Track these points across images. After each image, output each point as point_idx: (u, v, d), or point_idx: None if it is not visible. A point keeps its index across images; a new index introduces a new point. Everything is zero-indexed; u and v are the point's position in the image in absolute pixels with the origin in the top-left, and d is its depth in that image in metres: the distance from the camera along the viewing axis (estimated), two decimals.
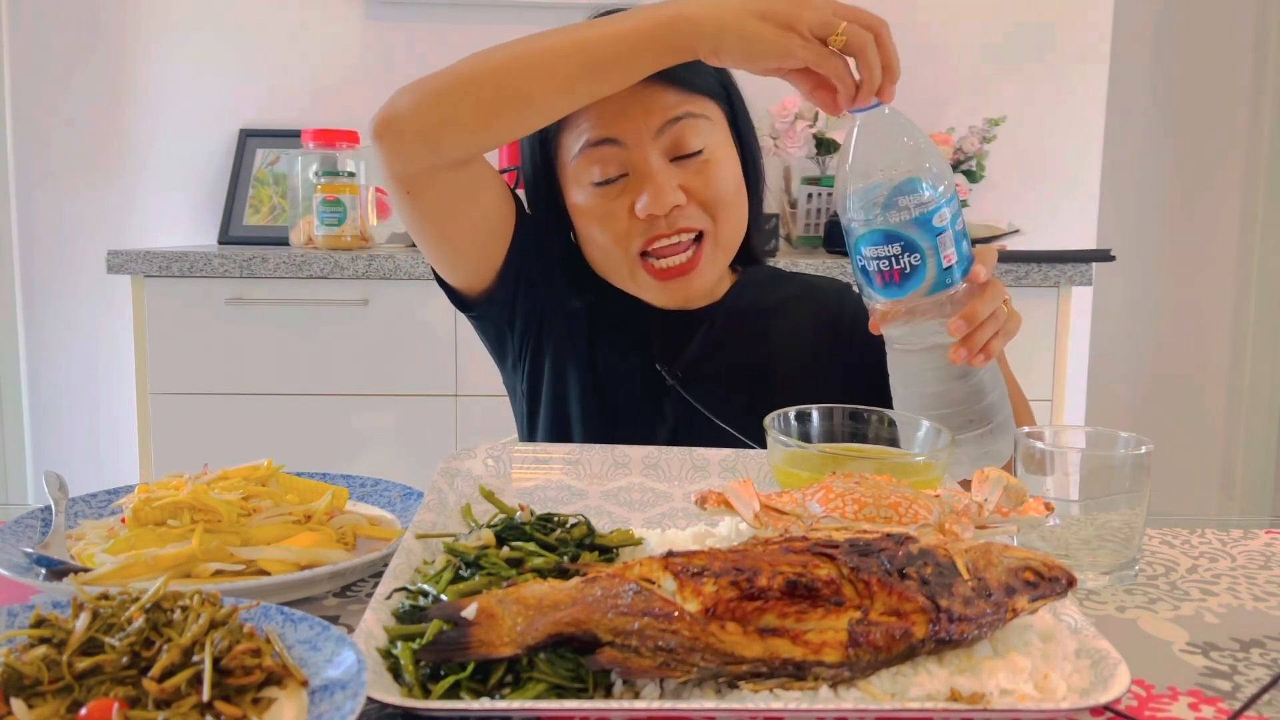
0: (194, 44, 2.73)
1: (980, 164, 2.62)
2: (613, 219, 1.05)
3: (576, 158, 1.06)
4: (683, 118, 1.04)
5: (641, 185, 1.03)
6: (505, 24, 2.66)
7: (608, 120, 1.03)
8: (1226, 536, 0.91)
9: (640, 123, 1.03)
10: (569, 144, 1.07)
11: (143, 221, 2.77)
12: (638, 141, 1.03)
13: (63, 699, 0.51)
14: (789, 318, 1.20)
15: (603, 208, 1.05)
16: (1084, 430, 0.84)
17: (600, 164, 1.04)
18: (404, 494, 0.92)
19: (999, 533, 0.71)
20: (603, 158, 1.04)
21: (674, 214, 1.04)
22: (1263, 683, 0.62)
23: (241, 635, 0.55)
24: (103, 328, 2.78)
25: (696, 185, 1.05)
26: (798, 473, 0.82)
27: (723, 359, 1.15)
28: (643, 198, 1.03)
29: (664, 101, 1.04)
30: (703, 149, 1.06)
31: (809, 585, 0.56)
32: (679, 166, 1.05)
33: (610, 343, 1.17)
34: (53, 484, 0.87)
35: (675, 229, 1.05)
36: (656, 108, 1.03)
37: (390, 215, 2.65)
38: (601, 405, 1.15)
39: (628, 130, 1.03)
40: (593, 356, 1.16)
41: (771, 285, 1.23)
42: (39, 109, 2.73)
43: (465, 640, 0.55)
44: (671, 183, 1.04)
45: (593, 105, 1.01)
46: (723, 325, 1.16)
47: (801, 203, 2.57)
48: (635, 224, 1.05)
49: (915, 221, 0.86)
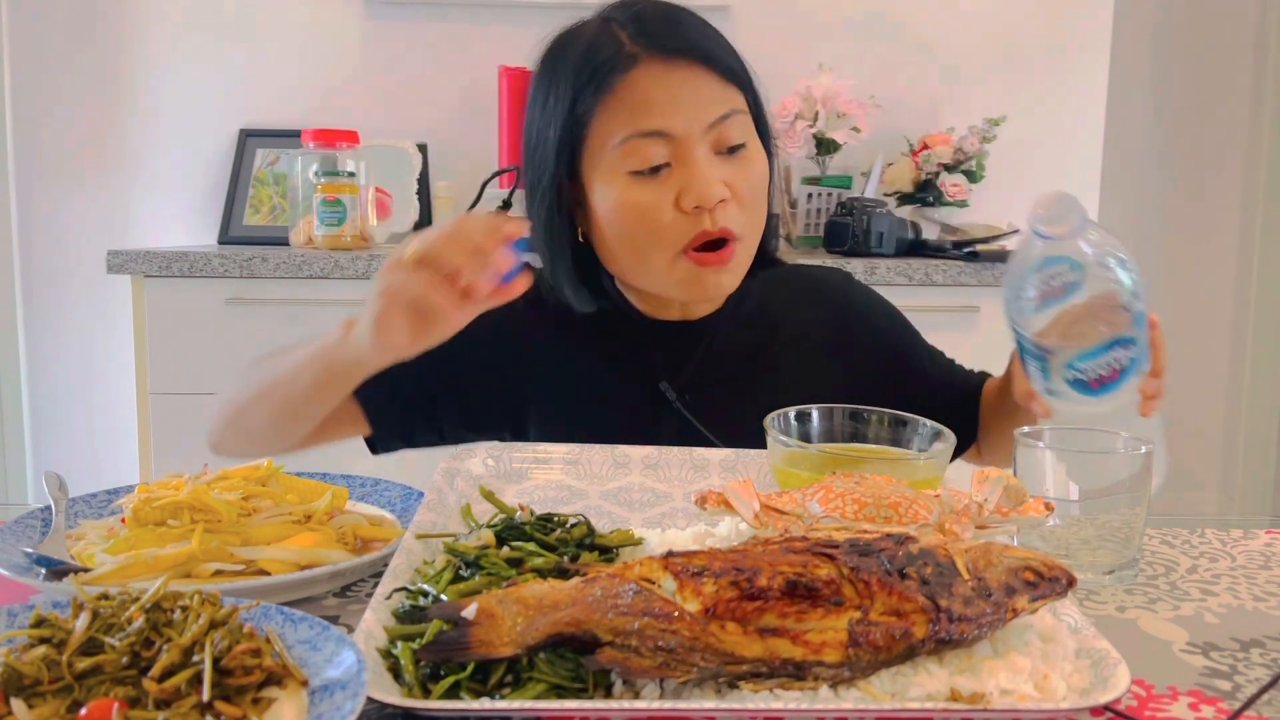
0: (194, 44, 2.73)
1: (980, 164, 2.62)
2: (656, 211, 1.00)
3: (618, 148, 1.00)
4: (728, 115, 1.01)
5: (687, 177, 0.99)
6: (505, 24, 2.66)
7: (658, 111, 0.99)
8: (1226, 536, 0.91)
9: (691, 115, 1.00)
10: (608, 133, 1.01)
11: (143, 221, 2.77)
12: (687, 134, 1.00)
13: (63, 699, 0.51)
14: (794, 320, 1.17)
15: (643, 199, 1.00)
16: (1084, 430, 0.84)
17: (643, 154, 1.00)
18: (404, 494, 0.92)
19: (999, 533, 0.71)
20: (648, 148, 1.00)
21: (717, 210, 1.00)
22: (1263, 683, 0.62)
23: (241, 635, 0.55)
24: (103, 328, 2.78)
25: (738, 182, 1.02)
26: (798, 473, 0.82)
27: (726, 372, 1.13)
28: (691, 190, 0.99)
29: (712, 93, 1.01)
30: (745, 143, 1.03)
31: (809, 585, 0.56)
32: (722, 161, 1.02)
33: (605, 365, 1.13)
34: (53, 484, 0.87)
35: (718, 227, 1.01)
36: (705, 102, 1.00)
37: (390, 215, 2.65)
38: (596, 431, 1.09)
39: (678, 123, 0.99)
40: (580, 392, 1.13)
41: (773, 286, 1.19)
42: (39, 109, 2.73)
43: (465, 640, 0.55)
44: (717, 177, 1.00)
45: (639, 94, 0.99)
46: (725, 336, 1.14)
47: (801, 203, 2.57)
48: (679, 217, 1.00)
49: (1135, 322, 0.85)
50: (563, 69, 1.03)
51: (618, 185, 1.01)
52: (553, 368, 1.14)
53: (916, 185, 2.63)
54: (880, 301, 1.24)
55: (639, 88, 0.99)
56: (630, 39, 1.01)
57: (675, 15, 1.04)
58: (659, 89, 0.99)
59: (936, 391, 1.18)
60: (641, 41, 1.00)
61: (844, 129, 2.55)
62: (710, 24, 1.06)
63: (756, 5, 2.77)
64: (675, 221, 1.01)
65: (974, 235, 2.49)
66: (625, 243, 1.04)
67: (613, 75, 1.00)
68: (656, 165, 1.00)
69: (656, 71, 1.00)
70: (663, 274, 1.04)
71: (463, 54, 2.72)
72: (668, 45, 1.00)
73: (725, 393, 1.12)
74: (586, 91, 1.01)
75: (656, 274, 1.05)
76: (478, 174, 2.62)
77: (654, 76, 1.00)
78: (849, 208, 2.37)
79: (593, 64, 1.01)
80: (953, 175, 2.59)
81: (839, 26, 2.80)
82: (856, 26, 2.80)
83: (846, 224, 2.35)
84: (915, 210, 2.63)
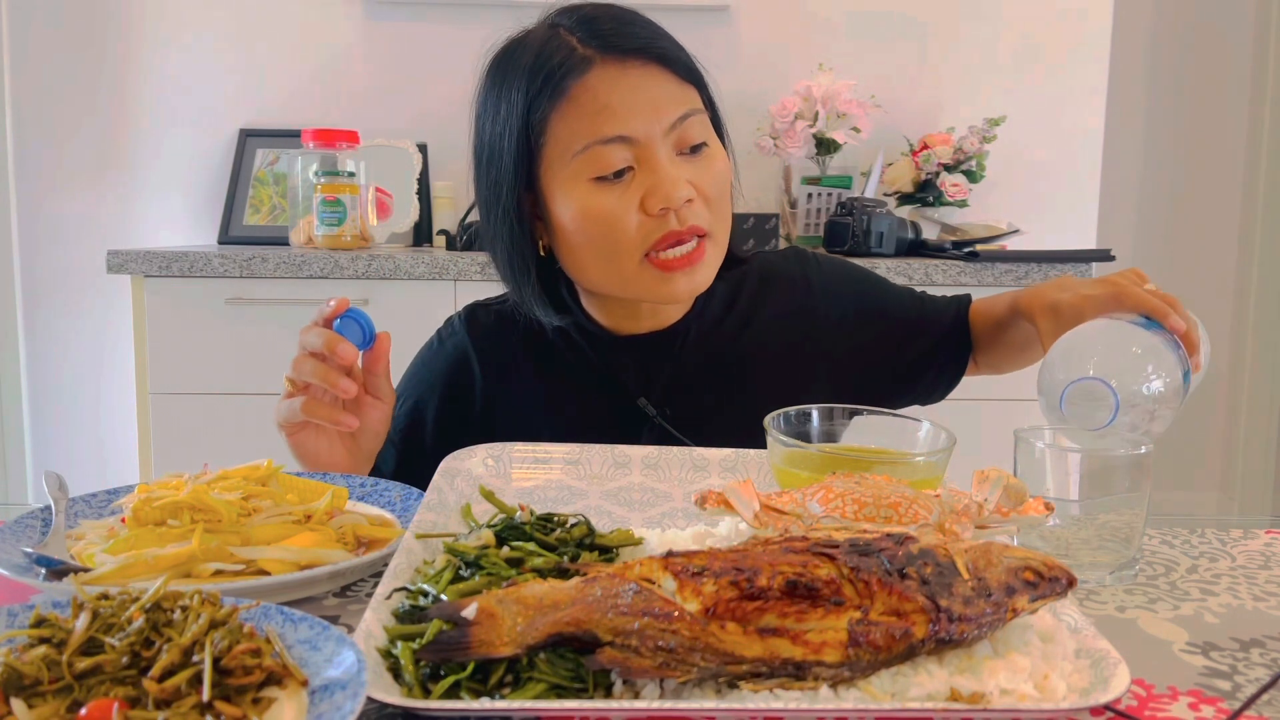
0: (194, 44, 2.73)
1: (980, 164, 2.62)
2: (621, 216, 0.98)
3: (579, 155, 0.98)
4: (688, 115, 0.99)
5: (652, 180, 0.98)
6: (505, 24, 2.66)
7: (618, 116, 0.97)
8: (1226, 536, 0.91)
9: (651, 117, 0.97)
10: (567, 140, 0.98)
11: (143, 221, 2.77)
12: (649, 137, 0.98)
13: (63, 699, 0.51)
14: (760, 315, 1.16)
15: (607, 205, 0.98)
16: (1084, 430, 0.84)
17: (605, 160, 0.97)
18: (404, 494, 0.92)
19: (999, 533, 0.71)
20: (610, 154, 0.97)
21: (684, 209, 0.99)
22: (1263, 683, 0.62)
23: (241, 635, 0.55)
24: (103, 328, 2.78)
25: (703, 180, 1.00)
26: (798, 473, 0.82)
27: (701, 379, 1.12)
28: (656, 191, 0.97)
29: (670, 93, 0.99)
30: (704, 142, 1.02)
31: (809, 585, 0.56)
32: (685, 161, 1.00)
33: (578, 386, 1.12)
34: (53, 484, 0.87)
35: (686, 226, 0.99)
36: (665, 101, 0.98)
37: (390, 215, 2.65)
38: None
39: (639, 126, 0.97)
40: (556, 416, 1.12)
41: (732, 284, 1.16)
42: (39, 109, 2.73)
43: (465, 640, 0.55)
44: (681, 176, 0.98)
45: (597, 98, 0.96)
46: (694, 343, 1.12)
47: (801, 203, 2.57)
48: (645, 220, 0.98)
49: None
50: (513, 76, 1.00)
51: (579, 192, 0.99)
52: (525, 393, 1.13)
53: (916, 185, 2.63)
54: (839, 270, 1.22)
55: (595, 92, 0.97)
56: (580, 42, 0.98)
57: (625, 15, 1.01)
58: (616, 92, 0.96)
59: (921, 332, 1.19)
60: (594, 44, 0.98)
61: (844, 129, 2.55)
62: (657, 23, 1.03)
63: (756, 5, 2.77)
64: (641, 225, 0.99)
65: (974, 235, 2.49)
66: (590, 250, 1.01)
67: (566, 80, 0.97)
68: (620, 170, 0.98)
69: (612, 74, 0.97)
70: (632, 279, 1.02)
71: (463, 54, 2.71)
72: (621, 46, 0.98)
73: (703, 400, 1.11)
74: (540, 99, 0.98)
75: (625, 279, 1.02)
76: None
77: (610, 79, 0.97)
78: (849, 208, 2.37)
79: (544, 70, 0.98)
80: (953, 175, 2.59)
81: (839, 26, 2.80)
82: (856, 26, 2.80)
83: (846, 224, 2.35)
84: (915, 210, 2.63)
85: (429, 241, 2.70)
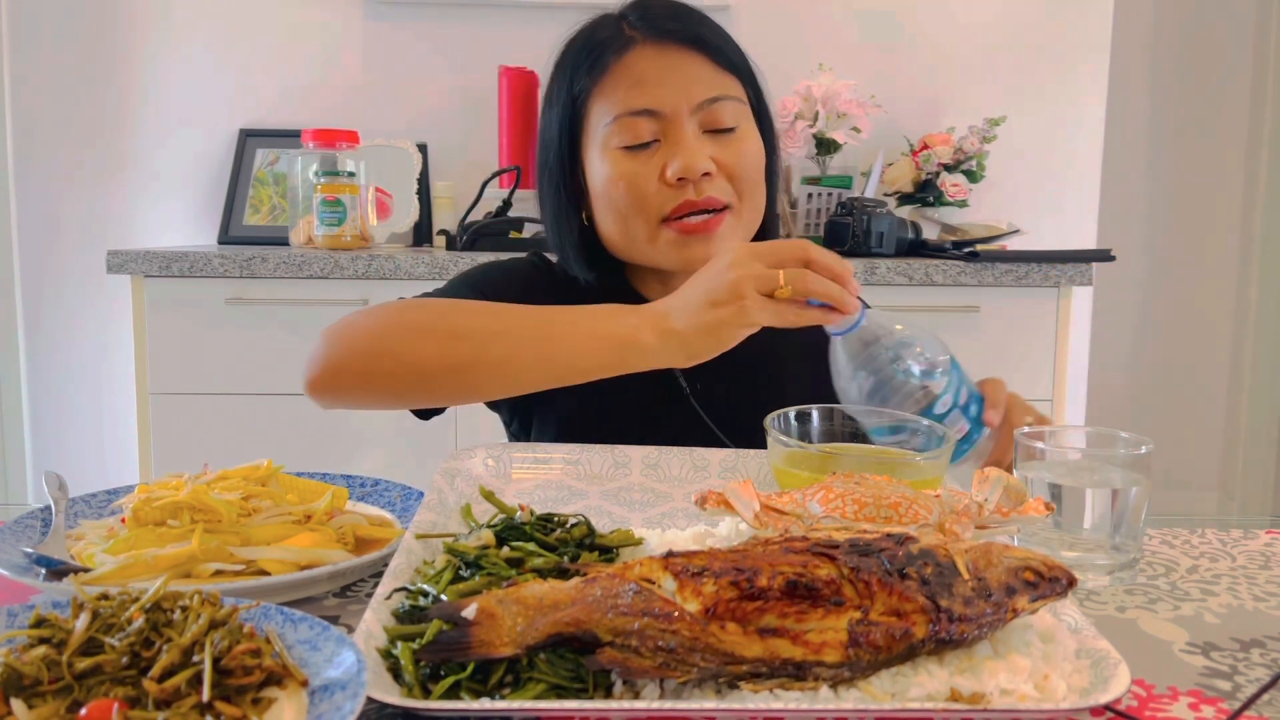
0: (194, 44, 2.73)
1: (980, 164, 2.62)
2: (641, 180, 1.04)
3: (609, 125, 1.05)
4: (720, 99, 1.05)
5: (673, 150, 1.03)
6: (505, 24, 2.66)
7: (649, 90, 1.04)
8: (1226, 536, 0.91)
9: (681, 94, 1.04)
10: (600, 113, 1.06)
11: (143, 221, 2.77)
12: (675, 111, 1.04)
13: (63, 699, 0.51)
14: None
15: (631, 169, 1.04)
16: (1084, 430, 0.84)
17: (634, 130, 1.04)
18: (404, 494, 0.92)
19: (999, 533, 0.71)
20: (638, 125, 1.04)
21: (703, 182, 1.04)
22: (1263, 683, 0.62)
23: (241, 635, 0.55)
24: (103, 328, 2.78)
25: (727, 158, 1.05)
26: (798, 473, 0.82)
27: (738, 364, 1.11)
28: (675, 161, 1.03)
29: (702, 77, 1.05)
30: (735, 127, 1.06)
31: (809, 585, 0.56)
32: (711, 139, 1.05)
33: None
34: (53, 484, 0.87)
35: (703, 196, 1.04)
36: (696, 83, 1.04)
37: (390, 215, 2.65)
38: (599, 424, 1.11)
39: (666, 102, 1.04)
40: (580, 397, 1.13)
41: None
42: (39, 109, 2.73)
43: (465, 640, 0.55)
44: (704, 151, 1.04)
45: (633, 73, 1.04)
46: None
47: (801, 203, 2.57)
48: (664, 189, 1.04)
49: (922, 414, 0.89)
50: (568, 55, 1.09)
51: (609, 158, 1.06)
52: None
53: (916, 185, 2.63)
54: None
55: (632, 68, 1.04)
56: (629, 26, 1.06)
57: (680, 7, 1.09)
58: (652, 70, 1.03)
59: None
60: (640, 26, 1.06)
61: (844, 129, 2.55)
62: (716, 22, 1.10)
63: (756, 5, 2.77)
64: (659, 191, 1.04)
65: (974, 235, 2.49)
66: (613, 213, 1.07)
67: (607, 56, 1.05)
68: (646, 141, 1.04)
69: (651, 53, 1.05)
70: (646, 243, 1.07)
71: (463, 54, 2.73)
72: (665, 28, 1.05)
73: (735, 386, 1.13)
74: (582, 73, 1.06)
75: (641, 243, 1.07)
76: (478, 174, 2.62)
77: (648, 58, 1.04)
78: (849, 208, 2.37)
79: (590, 48, 1.06)
80: (953, 175, 2.59)
81: (839, 26, 2.80)
82: (856, 26, 2.80)
83: (846, 224, 2.35)
84: (915, 210, 2.63)
85: (429, 241, 2.70)
